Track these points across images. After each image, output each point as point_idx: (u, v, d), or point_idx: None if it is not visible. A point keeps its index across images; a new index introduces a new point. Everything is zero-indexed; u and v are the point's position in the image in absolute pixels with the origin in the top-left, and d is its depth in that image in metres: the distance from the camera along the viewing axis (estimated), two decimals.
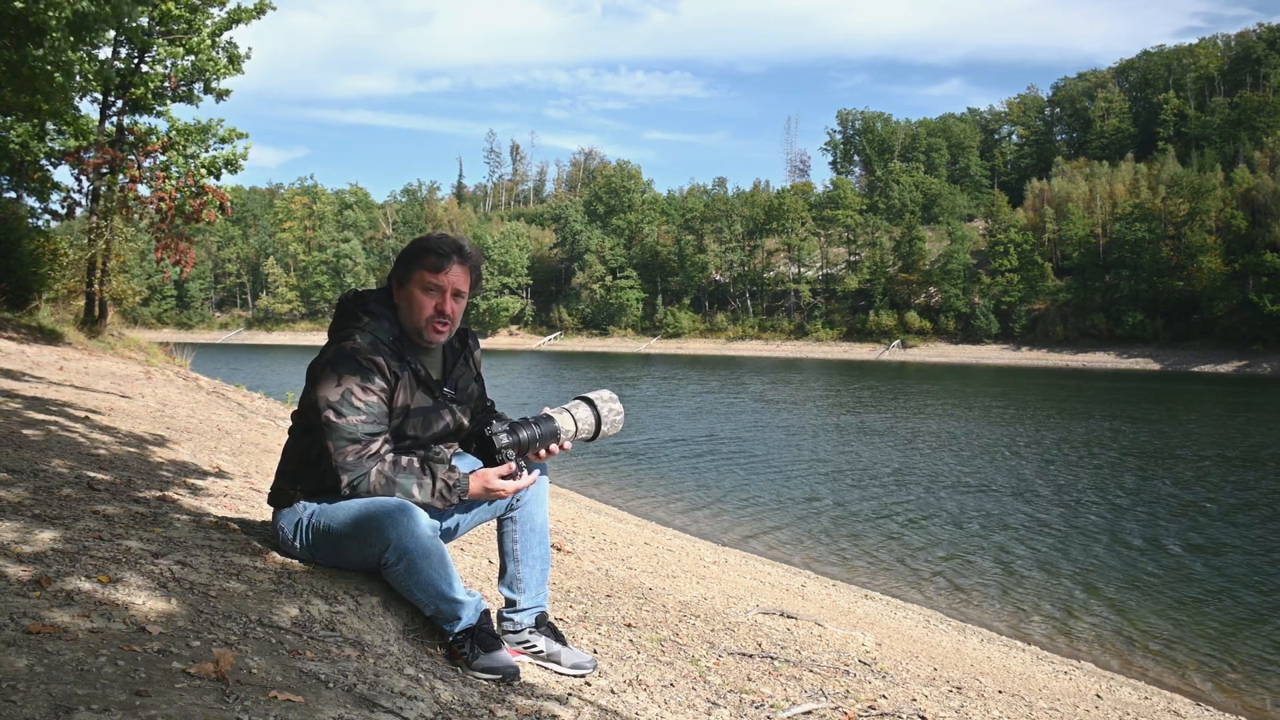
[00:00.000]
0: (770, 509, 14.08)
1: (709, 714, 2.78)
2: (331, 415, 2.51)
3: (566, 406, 2.80)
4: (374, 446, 2.53)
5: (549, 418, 2.73)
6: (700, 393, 37.15)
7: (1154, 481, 16.96)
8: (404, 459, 2.58)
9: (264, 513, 3.40)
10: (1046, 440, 22.65)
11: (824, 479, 16.75)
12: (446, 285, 2.65)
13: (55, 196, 15.81)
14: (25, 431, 4.49)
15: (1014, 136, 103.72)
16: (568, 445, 2.75)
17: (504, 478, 2.64)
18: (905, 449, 20.91)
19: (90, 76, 12.33)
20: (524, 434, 2.66)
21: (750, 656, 3.65)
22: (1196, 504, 14.89)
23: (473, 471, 2.65)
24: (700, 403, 32.58)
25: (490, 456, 2.66)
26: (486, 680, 2.48)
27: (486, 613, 2.62)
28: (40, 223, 15.96)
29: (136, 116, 14.98)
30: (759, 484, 16.15)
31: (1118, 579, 10.54)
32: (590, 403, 2.80)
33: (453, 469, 2.62)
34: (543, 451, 2.72)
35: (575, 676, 2.77)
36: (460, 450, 2.86)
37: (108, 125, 14.50)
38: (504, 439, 2.64)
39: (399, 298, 2.68)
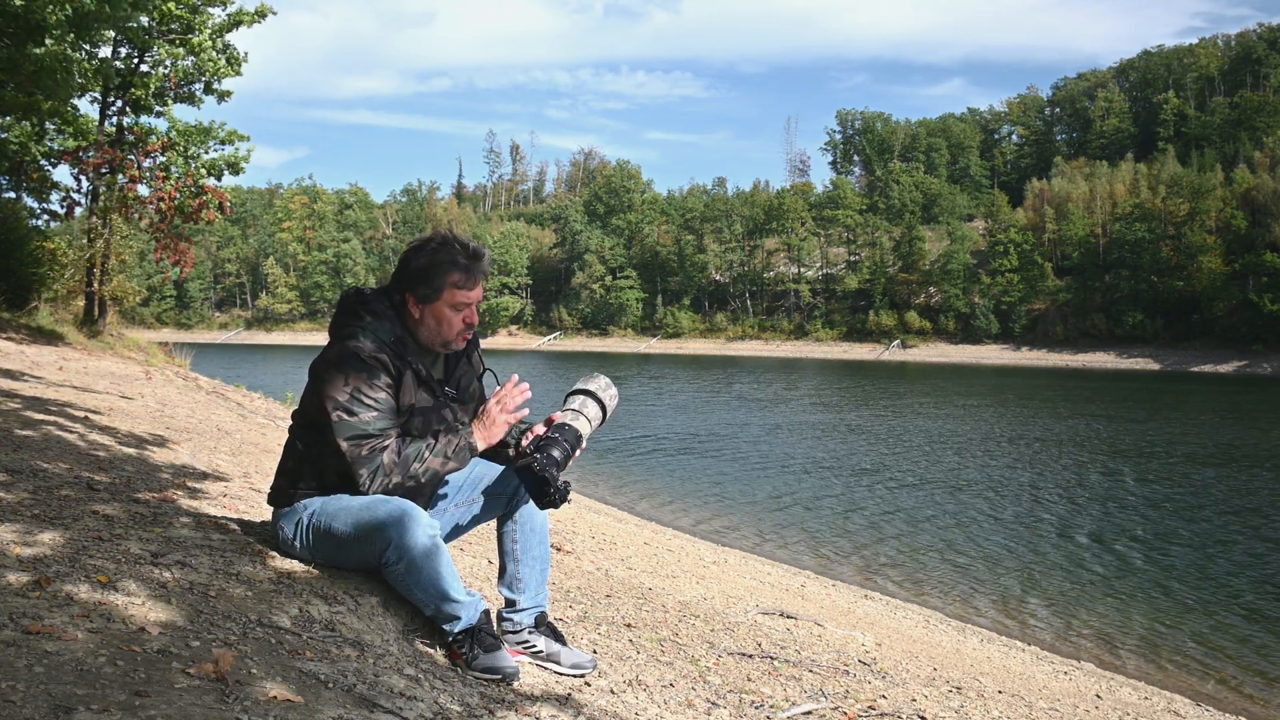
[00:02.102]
0: (771, 509, 14.08)
1: (709, 714, 2.78)
2: (343, 414, 2.51)
3: (575, 408, 2.74)
4: (387, 441, 2.55)
5: (569, 427, 2.68)
6: (699, 393, 37.15)
7: (1153, 482, 16.96)
8: (409, 438, 2.60)
9: (264, 513, 3.40)
10: (1047, 441, 22.65)
11: (824, 479, 16.75)
12: (474, 300, 2.68)
13: (55, 196, 15.83)
14: (25, 432, 4.49)
15: (1014, 136, 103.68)
16: (584, 446, 2.75)
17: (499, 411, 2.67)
18: (904, 449, 20.91)
19: (90, 75, 12.32)
20: (557, 453, 2.61)
21: (750, 656, 3.65)
22: (1197, 505, 14.89)
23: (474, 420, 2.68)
24: (699, 403, 32.59)
25: (537, 496, 2.61)
26: (486, 680, 2.48)
27: (486, 613, 2.62)
28: (40, 223, 15.98)
29: (136, 116, 14.99)
30: (759, 484, 16.15)
31: (1118, 579, 10.54)
32: (593, 396, 2.77)
33: (458, 429, 2.63)
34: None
35: (575, 676, 2.77)
36: (459, 427, 2.86)
37: (107, 125, 14.50)
38: (554, 471, 2.57)
39: (418, 312, 2.65)
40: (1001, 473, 17.69)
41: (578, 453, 2.68)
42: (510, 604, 2.81)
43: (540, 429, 2.74)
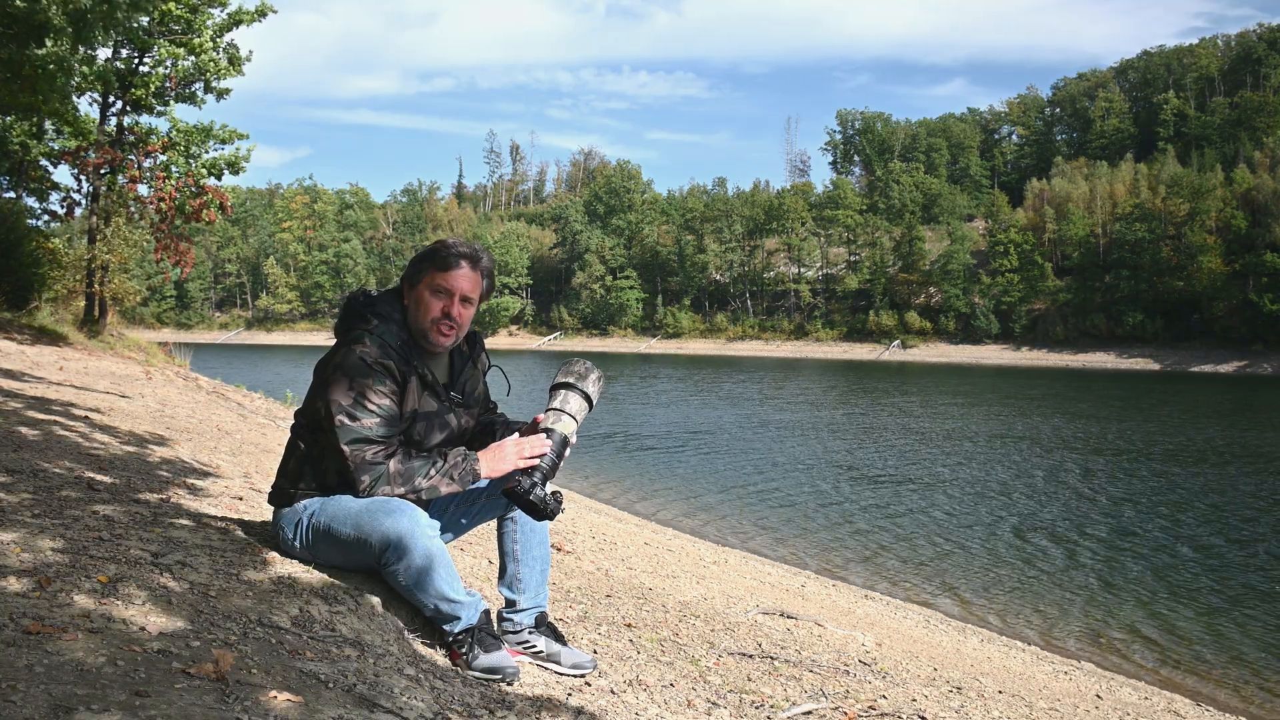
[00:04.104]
0: (770, 509, 14.08)
1: (709, 714, 2.78)
2: (345, 419, 2.51)
3: (557, 406, 2.70)
4: (391, 449, 2.55)
5: (553, 432, 2.65)
6: (698, 394, 37.14)
7: (1154, 482, 16.95)
8: (414, 452, 2.60)
9: (264, 513, 3.40)
10: (1046, 442, 22.64)
11: (824, 479, 16.75)
12: (455, 288, 2.65)
13: (55, 196, 15.84)
14: (25, 432, 4.49)
15: (1014, 136, 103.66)
16: (574, 442, 2.74)
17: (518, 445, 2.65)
18: (904, 450, 20.91)
19: (90, 76, 12.33)
20: (545, 462, 2.59)
21: (750, 656, 3.65)
22: (1198, 506, 14.88)
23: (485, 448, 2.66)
24: (699, 403, 32.59)
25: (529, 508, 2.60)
26: (486, 680, 2.49)
27: (486, 613, 2.62)
28: (40, 223, 15.99)
29: (137, 116, 15.00)
30: (759, 484, 16.15)
31: (1118, 579, 10.54)
32: (574, 388, 2.72)
33: (466, 454, 2.62)
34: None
35: (575, 676, 2.77)
36: (467, 452, 2.87)
37: (108, 125, 14.50)
38: (542, 490, 2.55)
39: (408, 298, 2.68)
40: (1001, 473, 17.68)
41: (567, 452, 2.67)
42: (510, 604, 2.82)
43: (527, 431, 2.73)
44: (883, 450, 20.67)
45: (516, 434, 2.72)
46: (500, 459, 2.63)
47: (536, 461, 2.63)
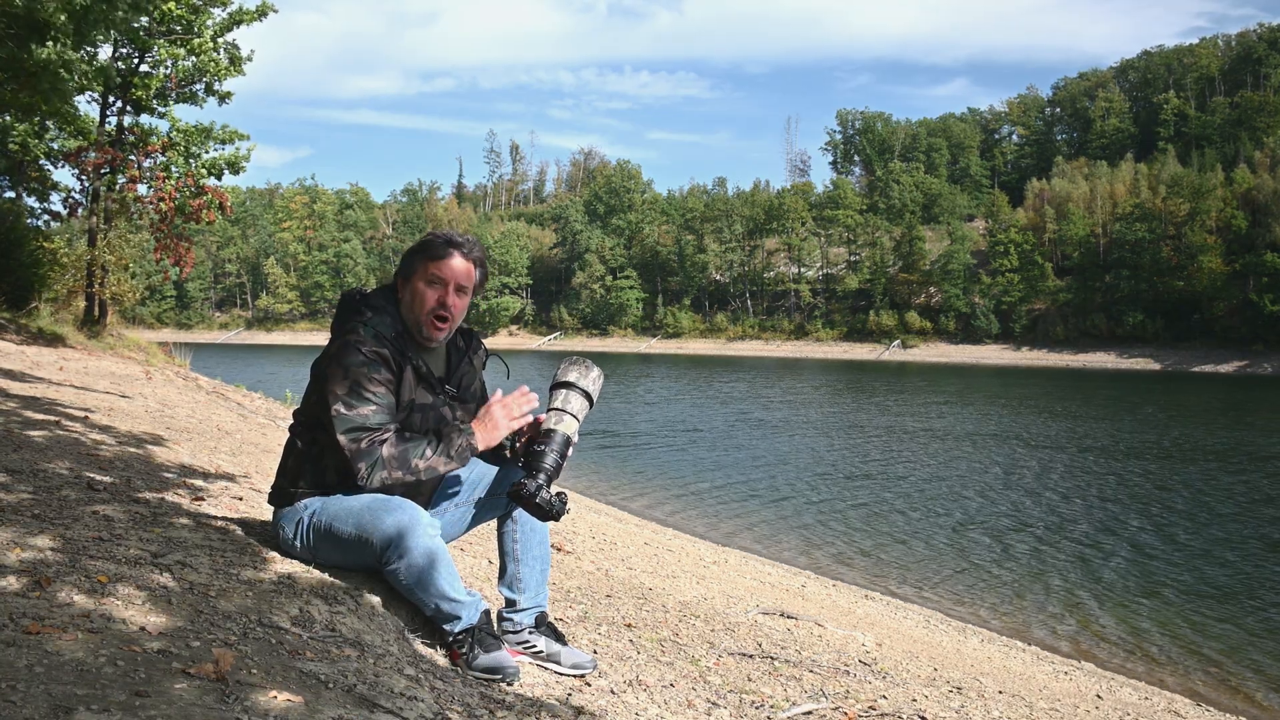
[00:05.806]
0: (770, 509, 14.08)
1: (709, 714, 2.78)
2: (341, 408, 2.51)
3: (559, 406, 2.69)
4: (386, 435, 2.54)
5: (556, 433, 2.63)
6: (698, 394, 37.13)
7: (1156, 482, 16.95)
8: (409, 433, 2.59)
9: (264, 513, 3.40)
10: (1047, 441, 22.64)
11: (824, 479, 16.75)
12: (449, 277, 2.65)
13: (55, 197, 15.86)
14: (25, 432, 4.49)
15: (1014, 136, 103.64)
16: (576, 441, 2.73)
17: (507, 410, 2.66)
18: (905, 450, 20.90)
19: (90, 76, 12.33)
20: (549, 463, 2.58)
21: (750, 656, 3.65)
22: (1200, 504, 14.88)
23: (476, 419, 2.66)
24: (699, 404, 32.58)
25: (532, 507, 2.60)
26: (486, 680, 2.48)
27: (486, 613, 2.62)
28: (40, 223, 16.00)
29: (137, 116, 14.99)
30: (759, 484, 16.15)
31: (1118, 579, 10.53)
32: (575, 387, 2.70)
33: (460, 429, 2.60)
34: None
35: (575, 676, 2.77)
36: (461, 427, 2.85)
37: (108, 125, 14.50)
38: (547, 492, 2.55)
39: (403, 292, 2.69)
40: (1002, 473, 17.68)
41: (570, 452, 2.67)
42: (510, 604, 2.81)
43: (529, 432, 2.73)
44: (882, 450, 20.66)
45: (498, 391, 2.72)
46: (492, 427, 2.63)
47: (528, 419, 2.64)
